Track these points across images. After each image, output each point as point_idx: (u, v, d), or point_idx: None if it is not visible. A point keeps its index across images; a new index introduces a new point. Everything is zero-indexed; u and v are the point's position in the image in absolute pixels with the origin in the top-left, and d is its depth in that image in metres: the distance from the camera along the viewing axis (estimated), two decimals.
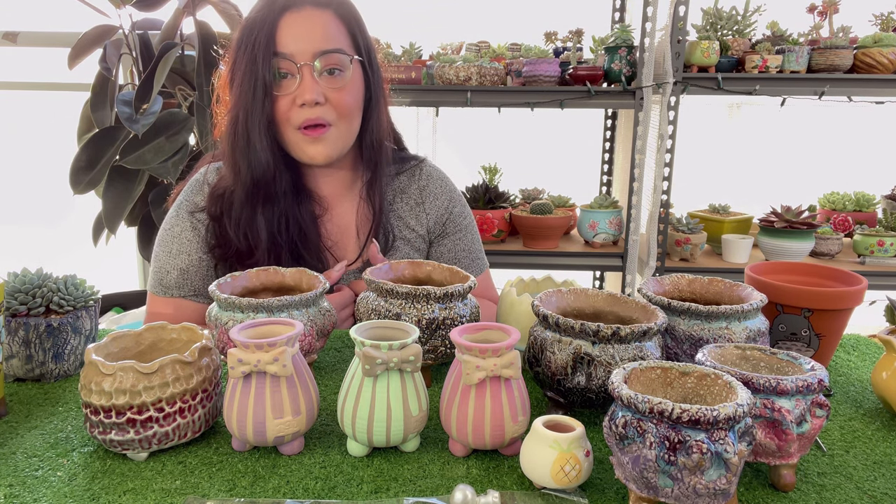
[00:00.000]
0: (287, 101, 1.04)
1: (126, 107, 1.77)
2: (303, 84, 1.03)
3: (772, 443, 0.60)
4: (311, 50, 1.02)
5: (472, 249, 1.26)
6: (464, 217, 1.26)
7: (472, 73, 2.03)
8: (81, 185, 1.88)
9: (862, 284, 0.85)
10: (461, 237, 1.24)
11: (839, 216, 2.26)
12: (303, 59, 1.02)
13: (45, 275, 0.87)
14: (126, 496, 0.60)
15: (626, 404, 0.54)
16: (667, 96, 1.94)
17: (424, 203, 1.23)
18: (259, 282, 0.88)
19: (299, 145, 1.07)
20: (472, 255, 1.25)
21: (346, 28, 1.07)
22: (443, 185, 1.26)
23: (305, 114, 1.04)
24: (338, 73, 1.05)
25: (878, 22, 2.09)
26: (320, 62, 1.03)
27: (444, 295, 0.79)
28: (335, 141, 1.07)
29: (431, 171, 1.26)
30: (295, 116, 1.05)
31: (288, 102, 1.04)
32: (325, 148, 1.07)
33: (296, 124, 1.05)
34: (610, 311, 0.78)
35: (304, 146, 1.07)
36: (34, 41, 2.30)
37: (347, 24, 1.08)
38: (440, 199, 1.24)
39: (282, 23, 1.03)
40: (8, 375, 0.85)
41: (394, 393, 0.65)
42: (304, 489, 0.61)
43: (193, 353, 0.68)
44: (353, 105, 1.08)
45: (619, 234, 2.18)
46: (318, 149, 1.07)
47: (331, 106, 1.05)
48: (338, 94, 1.05)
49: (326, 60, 1.03)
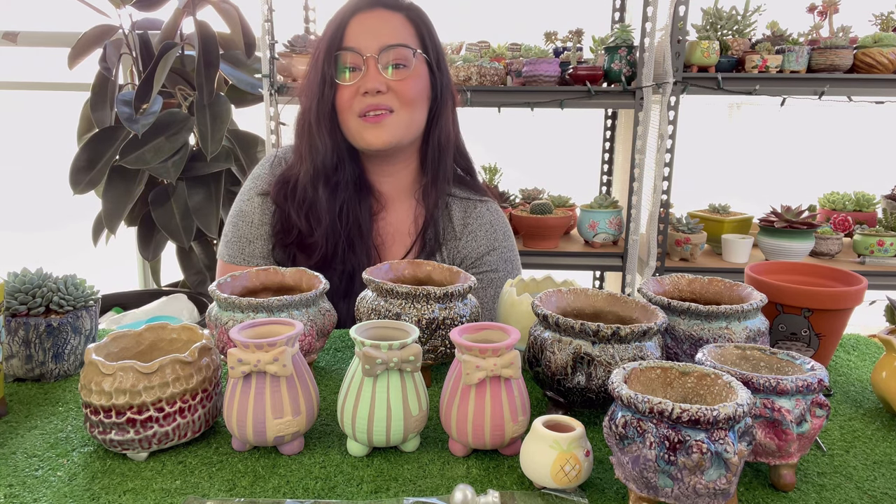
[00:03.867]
0: (351, 91, 1.07)
1: (126, 107, 1.77)
2: (367, 74, 1.07)
3: (772, 443, 0.59)
4: (377, 45, 1.06)
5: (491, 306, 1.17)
6: (496, 271, 1.19)
7: (472, 73, 2.03)
8: (81, 185, 1.88)
9: (862, 284, 0.84)
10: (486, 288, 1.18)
11: (839, 216, 2.25)
12: (369, 51, 1.06)
13: (45, 275, 0.87)
14: (126, 496, 0.60)
15: (626, 404, 0.54)
16: (667, 96, 1.94)
17: (461, 239, 1.20)
18: (259, 282, 0.87)
19: (359, 132, 1.09)
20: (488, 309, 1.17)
21: (414, 29, 1.11)
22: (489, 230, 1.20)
23: (368, 100, 1.07)
24: (402, 68, 1.08)
25: (878, 22, 2.09)
26: (386, 56, 1.07)
27: (444, 295, 0.79)
28: (395, 127, 1.09)
29: (485, 214, 1.21)
30: (357, 104, 1.08)
31: (352, 92, 1.07)
32: (383, 132, 1.08)
33: (358, 111, 1.08)
34: (610, 311, 0.78)
35: (363, 132, 1.09)
36: (34, 41, 2.30)
37: (416, 27, 1.12)
38: (478, 242, 1.19)
39: (352, 21, 1.09)
40: (8, 375, 0.85)
41: (394, 393, 0.65)
42: (304, 489, 0.61)
43: (193, 353, 0.68)
44: (416, 95, 1.10)
45: (619, 234, 2.18)
46: (377, 133, 1.08)
47: (393, 94, 1.08)
48: (401, 83, 1.08)
49: (392, 55, 1.07)
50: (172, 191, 1.95)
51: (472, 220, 1.21)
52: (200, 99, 1.87)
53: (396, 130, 1.09)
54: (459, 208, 1.22)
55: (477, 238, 1.20)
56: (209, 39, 1.87)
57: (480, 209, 1.22)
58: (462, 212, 1.22)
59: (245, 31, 2.00)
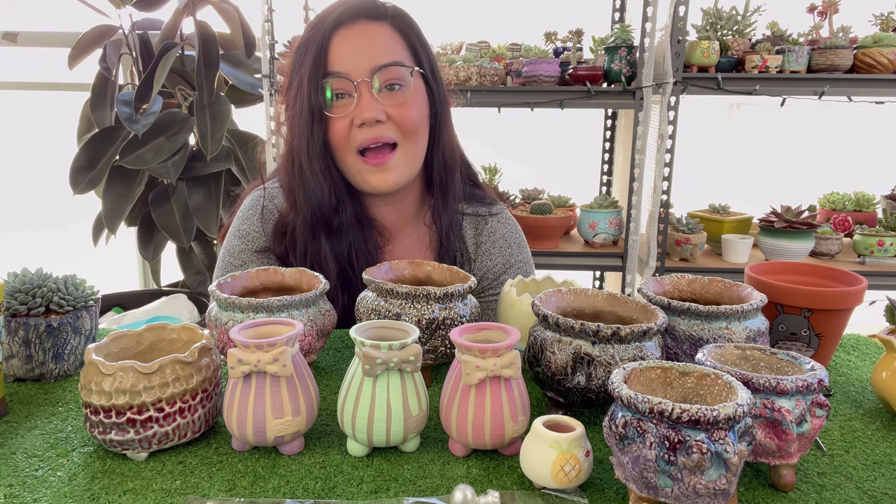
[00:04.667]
0: (345, 124, 0.95)
1: (126, 107, 1.77)
2: (361, 102, 0.94)
3: (772, 443, 0.60)
4: (368, 66, 0.94)
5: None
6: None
7: (472, 73, 2.04)
8: (81, 185, 1.88)
9: (862, 284, 0.84)
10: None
11: (839, 216, 2.26)
12: (359, 75, 0.94)
13: (45, 275, 0.87)
14: (126, 496, 0.60)
15: (626, 404, 0.54)
16: (667, 96, 1.94)
17: (476, 260, 1.12)
18: (259, 282, 0.87)
19: (361, 174, 0.98)
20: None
21: (404, 40, 0.99)
22: (503, 246, 1.12)
23: (365, 133, 0.95)
24: (398, 88, 0.96)
25: (878, 22, 2.09)
26: (379, 78, 0.94)
27: (444, 295, 0.79)
28: (402, 166, 0.98)
29: (497, 229, 1.13)
30: (354, 138, 0.96)
31: (346, 125, 0.95)
32: (389, 175, 0.97)
33: (356, 147, 0.96)
34: (610, 311, 0.78)
35: (367, 176, 0.98)
36: (34, 41, 2.30)
37: (406, 36, 0.99)
38: (493, 261, 1.11)
39: (335, 40, 0.95)
40: (8, 375, 0.85)
41: (394, 393, 0.65)
42: (304, 489, 0.61)
43: (193, 353, 0.68)
44: (419, 121, 0.98)
45: (619, 234, 2.18)
46: (383, 177, 0.97)
47: (393, 124, 0.96)
48: (400, 109, 0.95)
49: (385, 76, 0.95)
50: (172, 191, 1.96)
51: (485, 237, 1.12)
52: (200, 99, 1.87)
53: (403, 169, 0.98)
54: (470, 226, 1.13)
55: (492, 257, 1.11)
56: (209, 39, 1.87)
57: (492, 224, 1.13)
58: (473, 229, 1.13)
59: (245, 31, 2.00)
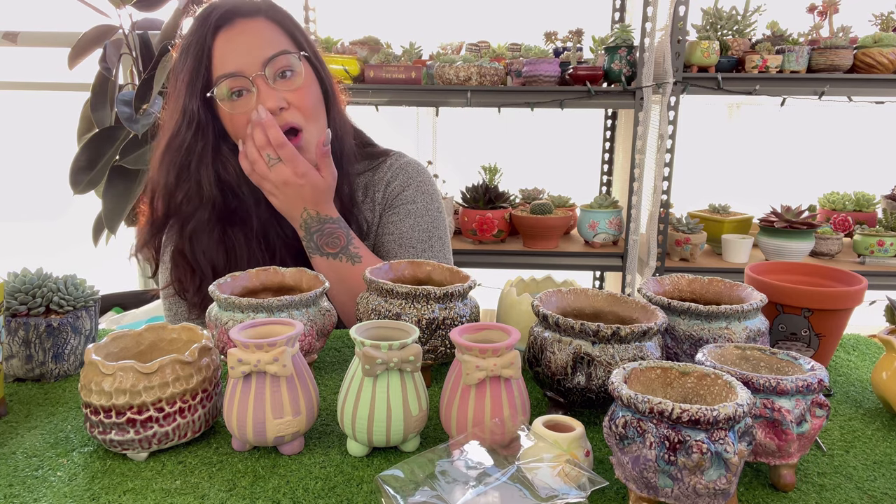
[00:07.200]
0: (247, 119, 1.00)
1: (126, 107, 1.77)
2: (261, 94, 0.99)
3: (772, 443, 0.60)
4: (258, 60, 0.99)
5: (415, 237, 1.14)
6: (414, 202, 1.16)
7: (472, 73, 2.03)
8: (81, 185, 1.88)
9: (862, 284, 0.84)
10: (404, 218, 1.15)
11: (839, 216, 2.26)
12: (252, 70, 0.99)
13: (45, 275, 0.87)
14: (126, 496, 0.60)
15: (626, 404, 0.54)
16: (667, 96, 1.94)
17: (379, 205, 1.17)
18: (259, 282, 0.88)
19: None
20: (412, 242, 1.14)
21: (281, 30, 1.04)
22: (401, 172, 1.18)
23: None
24: (290, 75, 1.02)
25: (878, 22, 2.09)
26: (270, 69, 0.99)
27: (444, 295, 0.79)
28: (311, 146, 1.03)
29: (401, 165, 1.19)
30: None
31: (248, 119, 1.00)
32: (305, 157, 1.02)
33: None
34: (610, 311, 0.78)
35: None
36: (34, 41, 2.30)
37: (283, 26, 1.05)
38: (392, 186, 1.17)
39: (217, 44, 1.00)
40: (8, 375, 0.85)
41: (394, 393, 0.65)
42: (304, 489, 0.61)
43: (193, 353, 0.68)
44: (315, 103, 1.05)
45: (619, 234, 2.18)
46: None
47: (295, 109, 1.02)
48: (297, 94, 1.02)
49: (276, 65, 1.00)
50: None
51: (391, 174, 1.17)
52: None
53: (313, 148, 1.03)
54: (373, 174, 1.18)
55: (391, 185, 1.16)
56: None
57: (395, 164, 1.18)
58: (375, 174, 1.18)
59: None
